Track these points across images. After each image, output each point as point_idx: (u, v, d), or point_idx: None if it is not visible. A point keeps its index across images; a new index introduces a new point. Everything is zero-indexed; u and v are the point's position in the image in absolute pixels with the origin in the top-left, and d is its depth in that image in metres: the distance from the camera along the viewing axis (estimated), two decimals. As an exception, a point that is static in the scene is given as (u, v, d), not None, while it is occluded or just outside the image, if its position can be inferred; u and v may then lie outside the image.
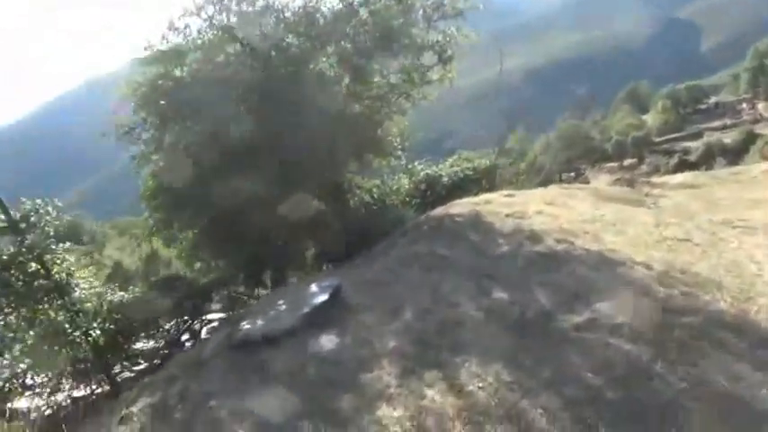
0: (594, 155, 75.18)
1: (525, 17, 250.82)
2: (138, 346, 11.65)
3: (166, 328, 11.84)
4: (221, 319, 10.97)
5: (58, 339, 9.44)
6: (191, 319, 12.42)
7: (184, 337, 12.43)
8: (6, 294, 9.31)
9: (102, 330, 10.05)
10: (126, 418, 4.09)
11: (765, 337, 4.65)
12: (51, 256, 10.02)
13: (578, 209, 9.75)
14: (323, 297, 5.42)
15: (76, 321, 9.75)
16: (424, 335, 4.84)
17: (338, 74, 11.75)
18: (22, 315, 9.59)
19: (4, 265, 9.31)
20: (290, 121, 10.70)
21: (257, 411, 3.87)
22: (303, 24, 11.14)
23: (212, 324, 12.39)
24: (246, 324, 5.23)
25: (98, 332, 9.90)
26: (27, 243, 9.48)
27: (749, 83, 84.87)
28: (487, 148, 24.15)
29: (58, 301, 9.92)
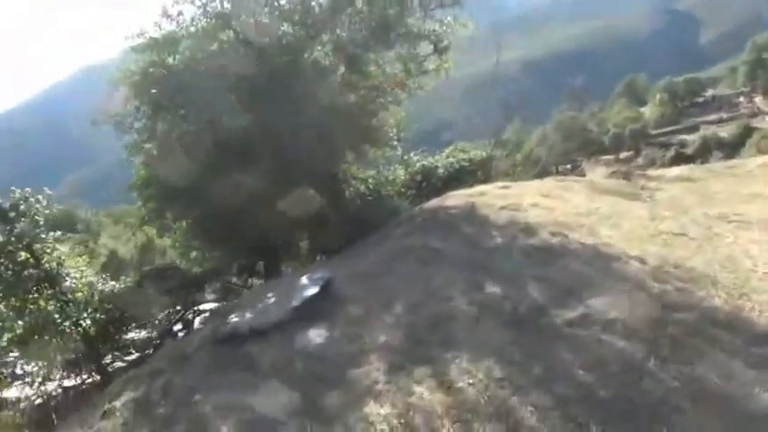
0: (591, 147, 75.12)
1: (524, 8, 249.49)
2: (131, 336, 11.60)
3: (159, 319, 11.79)
4: (212, 310, 10.89)
5: (47, 329, 9.38)
6: (183, 310, 12.38)
7: (177, 327, 12.38)
8: (-5, 283, 9.22)
9: (93, 320, 9.99)
10: (108, 412, 4.02)
11: (759, 335, 4.60)
12: (41, 245, 9.93)
13: (574, 201, 9.68)
14: (313, 290, 5.33)
15: (66, 311, 9.69)
16: (415, 329, 4.76)
17: (333, 63, 11.62)
18: (11, 305, 9.52)
19: (-6, 255, 9.21)
20: (284, 110, 10.57)
21: (242, 407, 3.80)
22: (298, 12, 10.98)
23: (206, 314, 12.33)
24: (234, 317, 5.15)
25: (88, 322, 9.85)
26: (16, 232, 9.38)
27: (747, 76, 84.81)
28: (484, 139, 24.10)
29: (47, 291, 9.85)
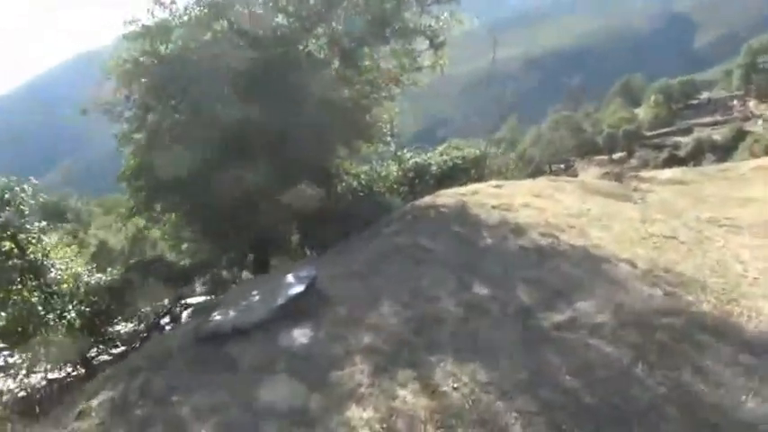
0: (585, 147, 75.26)
1: (524, 6, 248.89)
2: (118, 328, 11.46)
3: (145, 312, 11.65)
4: (196, 306, 10.78)
5: (31, 321, 9.23)
6: (171, 303, 12.24)
7: (165, 320, 12.25)
8: (-22, 274, 9.05)
9: (79, 313, 9.85)
10: (84, 412, 3.91)
11: (748, 341, 4.57)
12: (26, 235, 9.78)
13: (565, 202, 9.65)
14: (298, 288, 5.23)
15: (51, 303, 9.55)
16: (401, 331, 4.68)
17: (328, 56, 11.49)
18: (-6, 296, 9.35)
19: (-24, 245, 9.04)
20: (277, 103, 10.45)
21: (221, 408, 3.71)
22: (293, 4, 10.83)
23: (193, 308, 12.20)
24: (217, 315, 5.04)
25: (74, 315, 9.71)
26: (0, 221, 9.22)
27: (742, 79, 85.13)
28: (480, 137, 24.04)
29: (32, 282, 9.71)
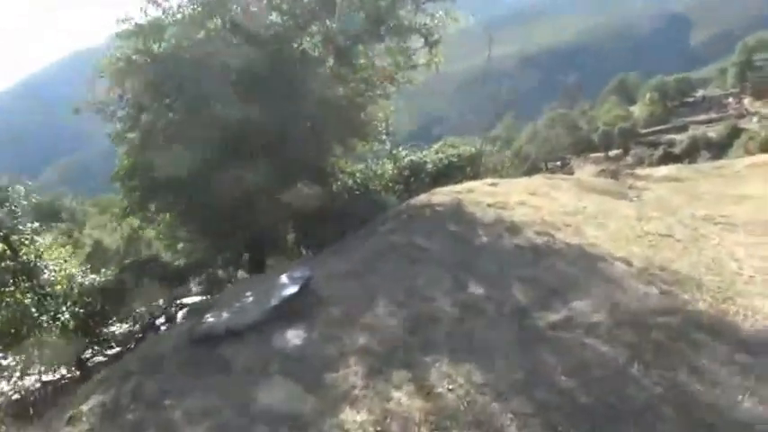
0: (581, 145, 75.33)
1: (521, 4, 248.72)
2: (113, 329, 11.40)
3: (140, 312, 11.59)
4: (190, 307, 10.73)
5: (24, 323, 9.17)
6: (166, 303, 12.19)
7: (160, 320, 12.18)
8: (-30, 276, 8.97)
9: (72, 314, 9.79)
10: (74, 417, 3.86)
11: (744, 340, 4.56)
12: (19, 236, 9.71)
13: (561, 200, 9.63)
14: (292, 289, 5.19)
15: (45, 305, 9.48)
16: (396, 331, 4.65)
17: (322, 54, 11.42)
18: (-14, 298, 9.27)
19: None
20: (272, 101, 10.39)
21: (213, 412, 3.67)
22: (287, 1, 10.77)
23: (188, 308, 12.13)
24: (211, 317, 4.99)
25: (67, 316, 9.65)
26: (-8, 223, 9.15)
27: (736, 77, 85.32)
28: (475, 134, 24.02)
29: (25, 284, 9.64)
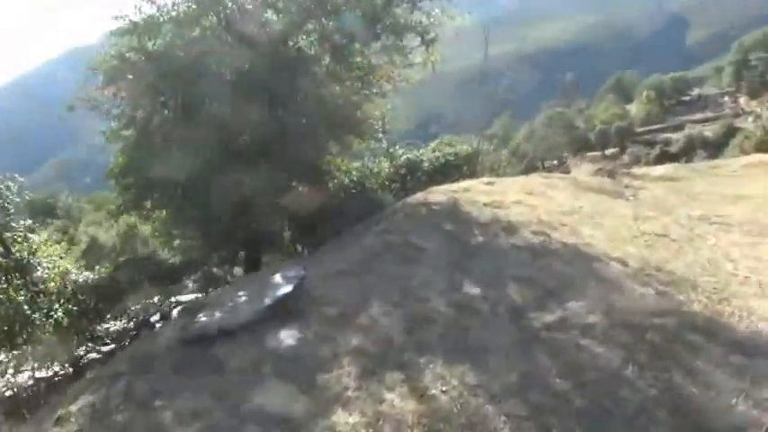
0: (578, 143, 75.47)
1: (519, 2, 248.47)
2: (107, 327, 11.34)
3: (134, 310, 11.54)
4: (183, 306, 10.70)
5: (17, 320, 9.12)
6: (161, 301, 12.12)
7: (155, 318, 12.13)
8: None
9: (66, 312, 9.74)
10: (62, 418, 3.81)
11: (738, 342, 4.54)
12: (12, 233, 9.65)
13: (557, 199, 9.62)
14: (286, 288, 5.15)
15: (38, 302, 9.43)
16: (390, 332, 4.62)
17: (318, 53, 11.38)
18: (-22, 295, 9.22)
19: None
20: (268, 99, 10.35)
21: (204, 413, 3.64)
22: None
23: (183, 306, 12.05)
24: (203, 316, 4.96)
25: (60, 313, 9.60)
26: (-16, 221, 9.10)
27: (733, 76, 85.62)
28: (473, 133, 24.00)
29: (18, 281, 9.58)
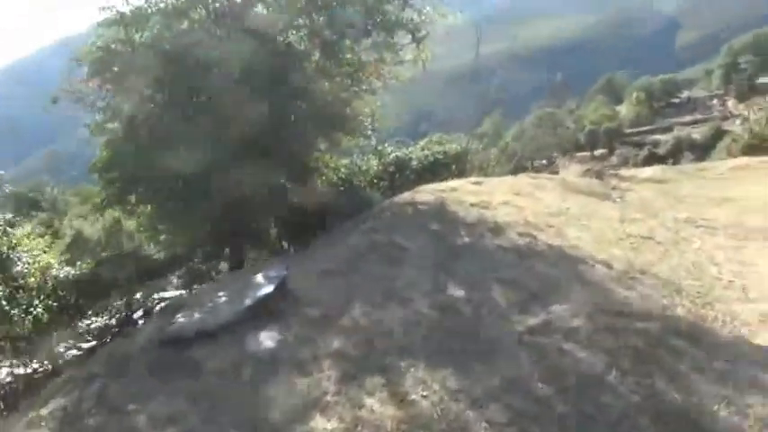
0: (567, 144, 75.81)
1: (509, 4, 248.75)
2: (88, 323, 11.18)
3: (117, 306, 11.38)
4: (162, 306, 10.59)
5: (-5, 316, 8.95)
6: (143, 297, 11.97)
7: (138, 314, 11.98)
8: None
9: (46, 307, 9.58)
10: (32, 422, 3.70)
11: (721, 346, 4.55)
12: (-10, 227, 9.46)
13: (545, 201, 9.62)
14: (267, 289, 5.07)
15: (17, 298, 9.26)
16: (372, 335, 4.56)
17: (308, 48, 11.29)
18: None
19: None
20: (256, 93, 10.22)
21: (179, 418, 3.55)
22: (273, -7, 10.61)
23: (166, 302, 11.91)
24: (181, 317, 4.86)
25: (40, 309, 9.43)
26: (-38, 214, 8.90)
27: (722, 79, 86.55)
28: (462, 131, 24.01)
29: (-4, 276, 9.41)
